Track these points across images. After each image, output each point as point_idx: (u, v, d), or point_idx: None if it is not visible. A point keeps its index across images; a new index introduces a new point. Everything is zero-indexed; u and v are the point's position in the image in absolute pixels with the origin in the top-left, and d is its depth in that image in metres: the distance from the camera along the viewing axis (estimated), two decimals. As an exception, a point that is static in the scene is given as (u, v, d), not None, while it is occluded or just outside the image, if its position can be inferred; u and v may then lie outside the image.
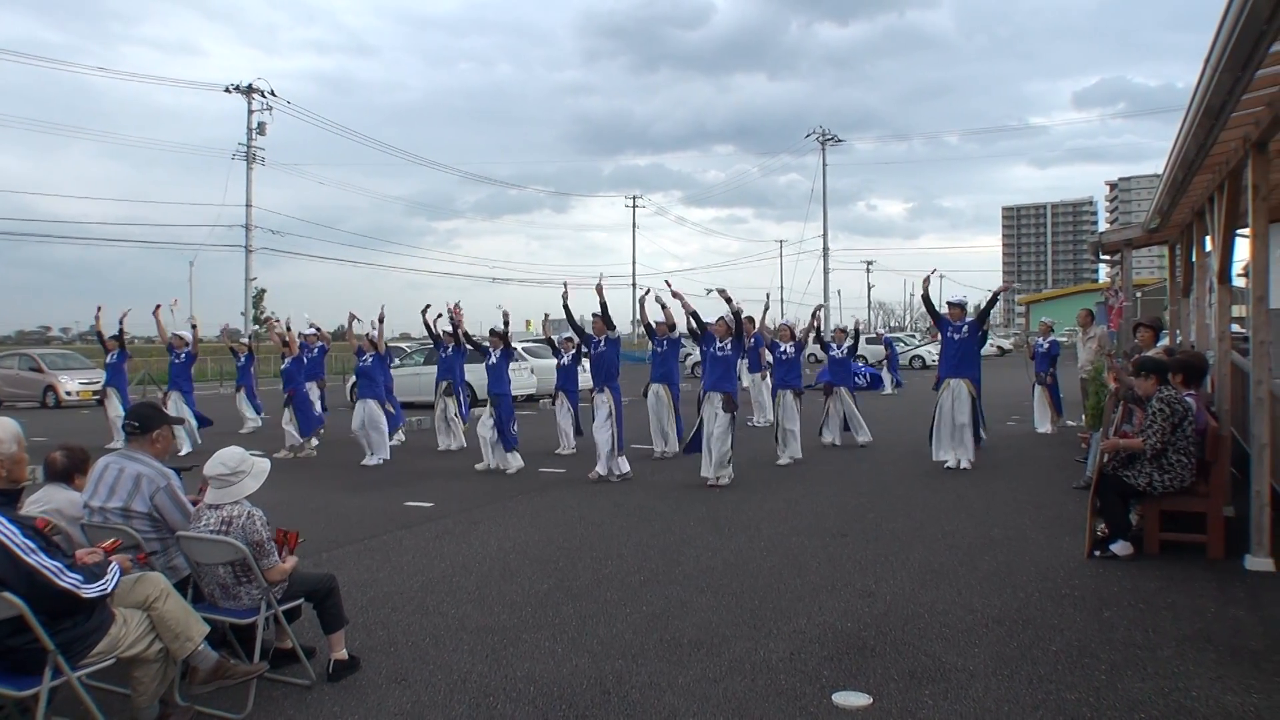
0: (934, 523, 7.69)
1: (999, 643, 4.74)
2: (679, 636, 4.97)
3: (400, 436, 14.57)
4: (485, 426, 11.57)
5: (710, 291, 11.82)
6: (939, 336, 11.21)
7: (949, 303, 11.26)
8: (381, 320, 13.40)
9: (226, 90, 39.15)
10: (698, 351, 12.08)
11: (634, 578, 6.20)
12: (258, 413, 17.07)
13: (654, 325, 11.25)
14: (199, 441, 13.55)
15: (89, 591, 3.52)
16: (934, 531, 7.36)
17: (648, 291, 11.11)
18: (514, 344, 15.82)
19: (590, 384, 11.20)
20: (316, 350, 15.30)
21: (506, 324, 12.21)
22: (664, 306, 10.73)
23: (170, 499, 4.47)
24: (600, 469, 10.43)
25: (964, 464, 10.42)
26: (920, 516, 7.97)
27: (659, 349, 11.56)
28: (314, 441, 13.87)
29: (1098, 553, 6.35)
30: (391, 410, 13.41)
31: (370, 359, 12.99)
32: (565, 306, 12.29)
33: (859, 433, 13.09)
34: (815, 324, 13.25)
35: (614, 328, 11.41)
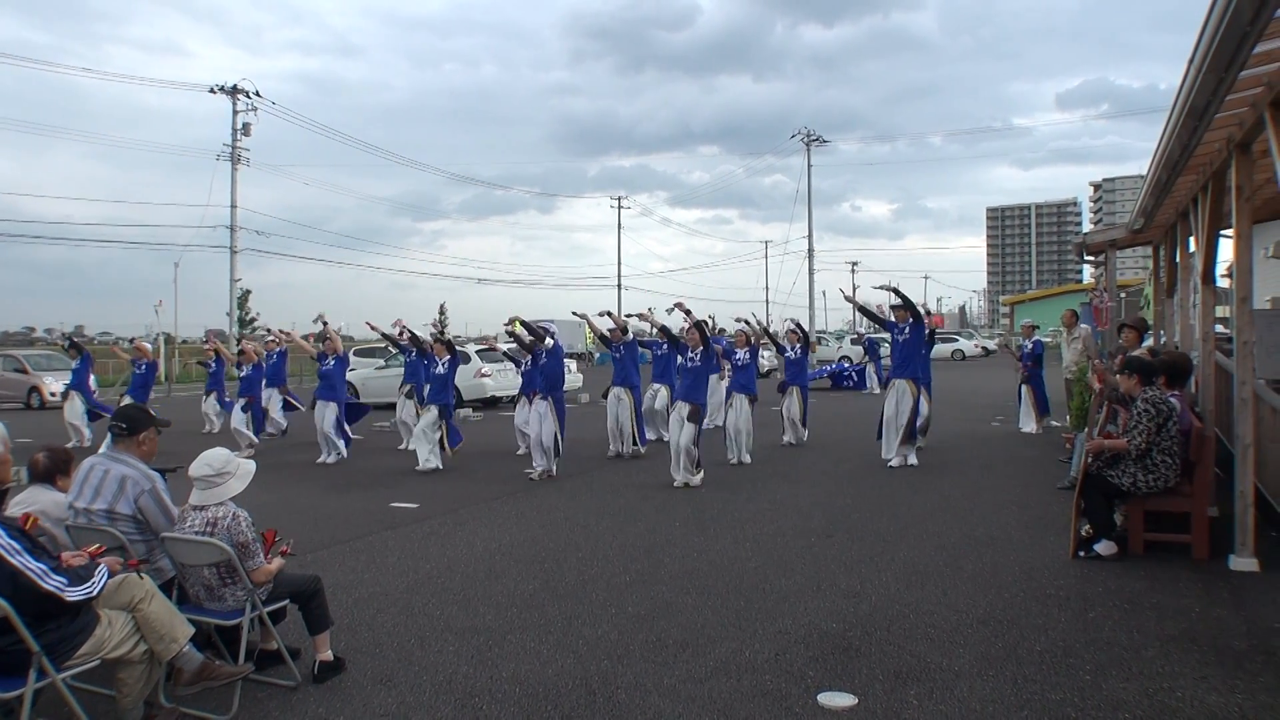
0: (919, 523, 7.71)
1: (984, 643, 4.76)
2: (665, 637, 4.97)
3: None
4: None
5: (672, 310, 11.85)
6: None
7: (892, 306, 11.41)
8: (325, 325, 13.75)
9: (211, 91, 39.03)
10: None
11: (620, 578, 6.20)
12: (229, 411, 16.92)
13: (607, 333, 12.10)
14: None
15: (74, 595, 3.51)
16: (919, 532, 7.38)
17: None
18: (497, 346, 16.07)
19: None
20: (276, 356, 15.47)
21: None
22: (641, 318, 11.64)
23: (155, 501, 4.45)
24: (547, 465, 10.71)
25: (909, 460, 10.71)
26: (905, 517, 7.99)
27: (617, 354, 12.13)
28: (256, 440, 14.23)
29: (1082, 553, 6.38)
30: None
31: (333, 362, 13.00)
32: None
33: (793, 432, 13.22)
34: (758, 329, 13.42)
35: (627, 331, 12.28)
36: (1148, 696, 4.04)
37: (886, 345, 17.14)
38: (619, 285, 69.45)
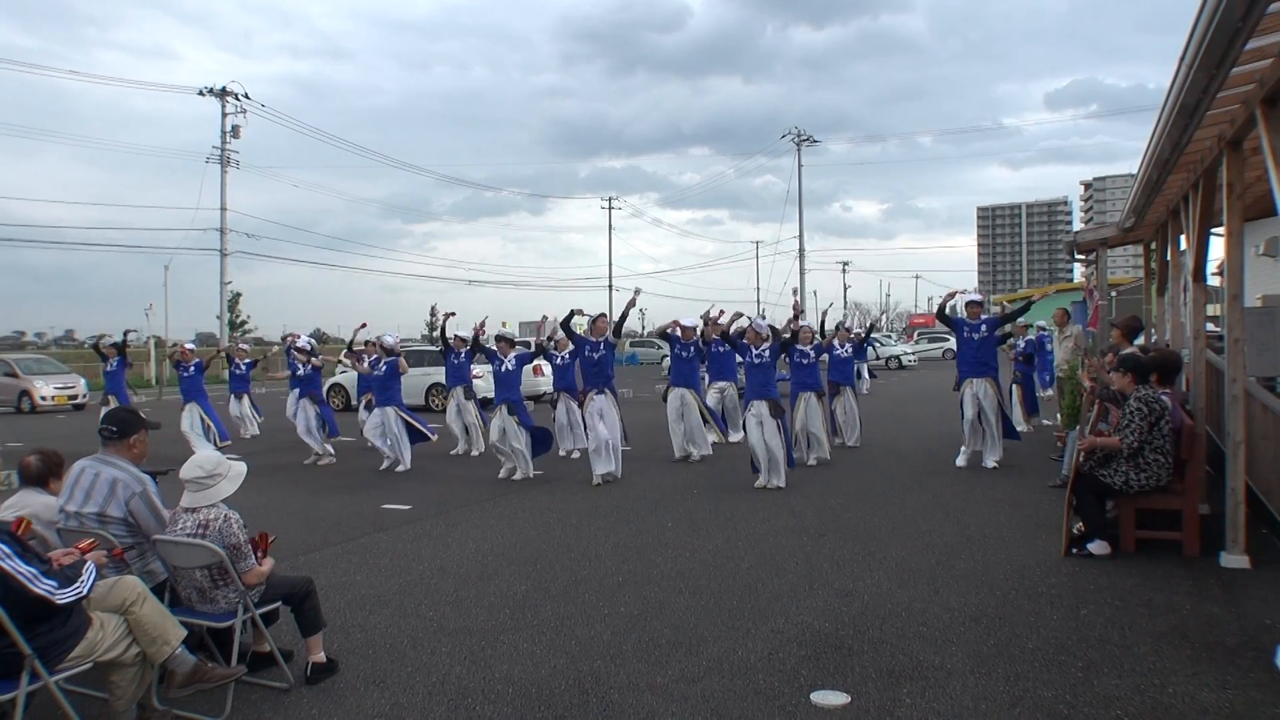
0: (911, 522, 7.72)
1: (976, 641, 4.77)
2: (657, 637, 4.97)
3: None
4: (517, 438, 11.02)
5: (638, 292, 11.84)
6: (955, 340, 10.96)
7: (967, 302, 11.11)
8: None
9: (200, 93, 38.88)
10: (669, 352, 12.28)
11: (612, 579, 6.19)
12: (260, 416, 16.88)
13: (678, 333, 11.90)
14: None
15: (63, 598, 3.51)
16: (911, 531, 7.39)
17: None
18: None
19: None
20: (244, 366, 15.54)
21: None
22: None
23: (145, 504, 4.43)
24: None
25: (991, 463, 10.42)
26: (897, 516, 8.00)
27: (685, 354, 11.82)
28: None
29: (1074, 551, 6.39)
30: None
31: (385, 366, 12.49)
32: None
33: (849, 434, 12.93)
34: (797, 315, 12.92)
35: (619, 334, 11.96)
36: (1139, 693, 4.05)
37: (876, 346, 17.11)
38: (610, 286, 69.42)
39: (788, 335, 10.68)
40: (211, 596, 4.30)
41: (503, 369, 11.05)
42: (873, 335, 26.42)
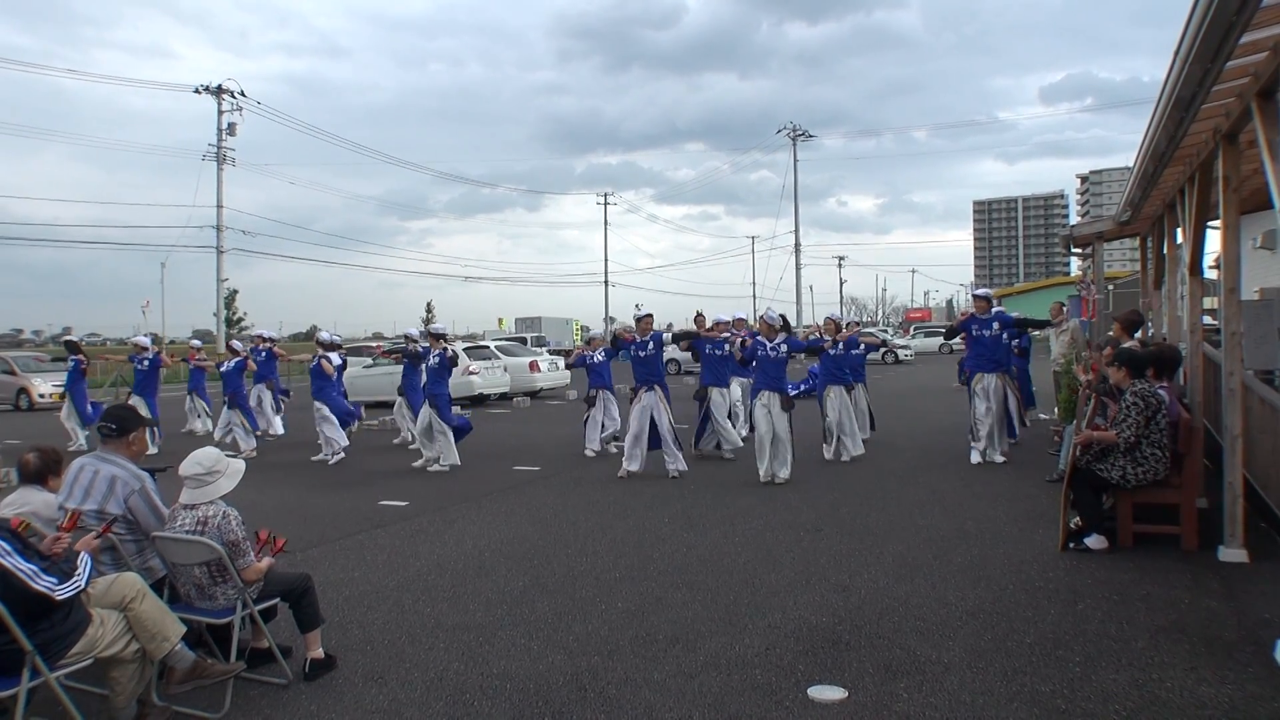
0: (908, 517, 7.73)
1: (973, 636, 4.78)
2: (654, 632, 4.97)
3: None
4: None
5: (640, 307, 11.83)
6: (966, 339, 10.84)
7: (974, 295, 11.11)
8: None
9: (196, 91, 38.80)
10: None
11: (609, 574, 6.20)
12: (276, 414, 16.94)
13: (590, 340, 12.44)
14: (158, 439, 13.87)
15: (63, 594, 3.53)
16: (908, 525, 7.39)
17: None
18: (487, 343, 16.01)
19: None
20: (265, 353, 15.54)
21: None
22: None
23: (144, 501, 4.43)
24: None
25: (998, 458, 10.39)
26: (894, 511, 8.01)
27: (718, 352, 11.59)
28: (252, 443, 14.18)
29: (1072, 545, 6.40)
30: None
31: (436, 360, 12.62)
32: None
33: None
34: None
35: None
36: (1138, 688, 4.06)
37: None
38: (606, 282, 69.50)
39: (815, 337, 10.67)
40: (210, 593, 4.31)
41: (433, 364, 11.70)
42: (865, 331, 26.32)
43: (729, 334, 11.39)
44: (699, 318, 12.54)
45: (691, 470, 10.36)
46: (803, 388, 21.59)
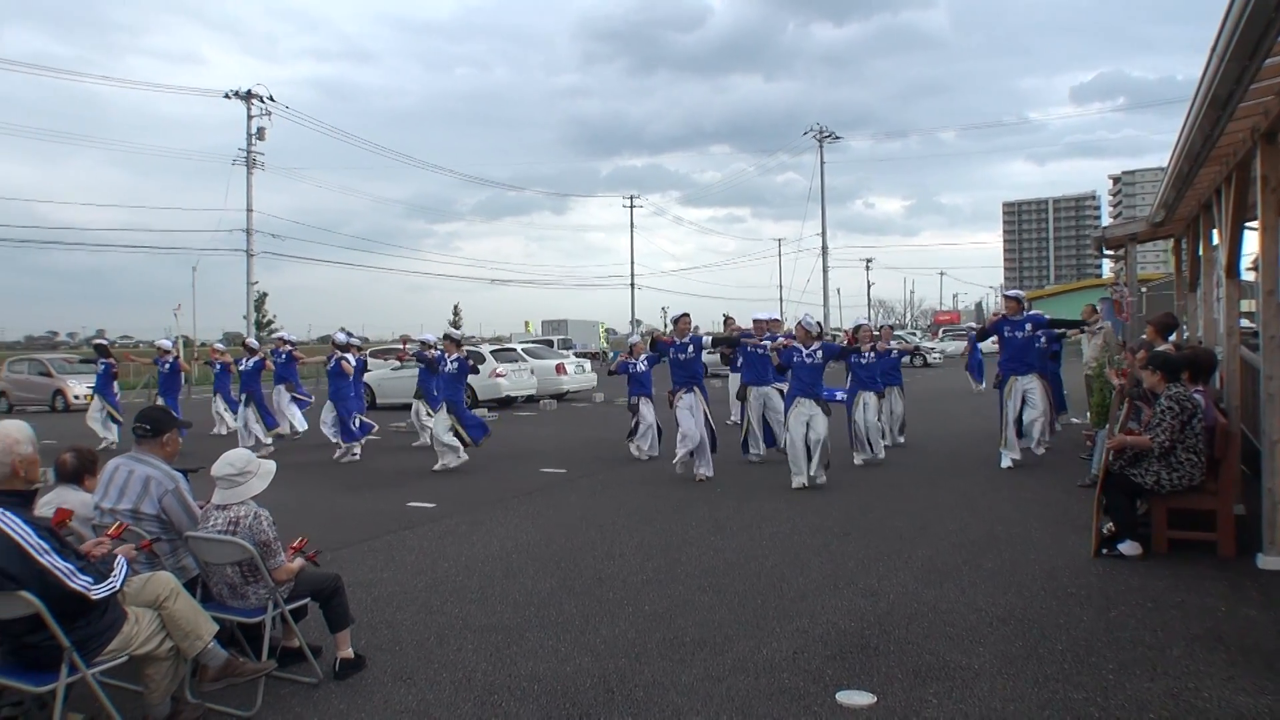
0: (937, 521, 7.67)
1: (1004, 642, 4.73)
2: (682, 635, 4.97)
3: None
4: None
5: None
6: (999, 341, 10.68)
7: (1005, 296, 10.95)
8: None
9: (226, 96, 39.10)
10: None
11: (636, 577, 6.20)
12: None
13: (632, 347, 12.43)
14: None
15: (98, 593, 3.58)
16: (937, 530, 7.34)
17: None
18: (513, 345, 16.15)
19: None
20: (285, 355, 15.71)
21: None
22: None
23: (178, 501, 4.49)
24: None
25: (1039, 449, 10.34)
26: (923, 515, 7.95)
27: (761, 351, 11.45)
28: (269, 440, 14.37)
29: (1104, 551, 6.32)
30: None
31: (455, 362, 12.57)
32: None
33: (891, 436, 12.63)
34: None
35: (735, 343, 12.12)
36: (1173, 697, 4.00)
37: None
38: (632, 284, 69.48)
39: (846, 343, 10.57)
40: (242, 592, 4.35)
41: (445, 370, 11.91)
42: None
43: (768, 336, 11.34)
44: (728, 321, 12.53)
45: (718, 474, 10.33)
46: (838, 395, 21.54)
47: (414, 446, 14.38)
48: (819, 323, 10.19)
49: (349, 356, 13.66)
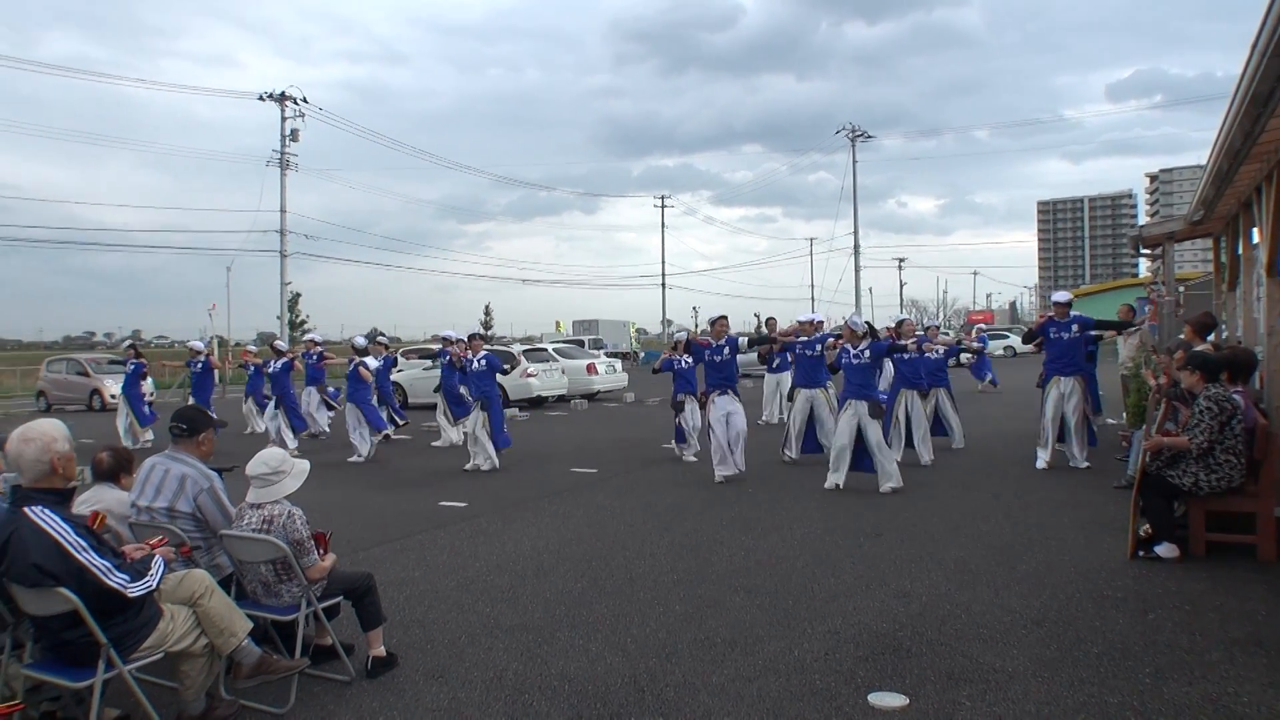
0: (970, 523, 7.60)
1: (1038, 644, 4.68)
2: (712, 636, 4.96)
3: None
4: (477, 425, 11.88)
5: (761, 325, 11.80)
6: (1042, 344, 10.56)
7: (1054, 301, 10.79)
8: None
9: (260, 98, 39.52)
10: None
11: (667, 577, 6.19)
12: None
13: (677, 343, 12.27)
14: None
15: (135, 590, 3.62)
16: (970, 531, 7.27)
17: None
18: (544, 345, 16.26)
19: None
20: (316, 356, 15.93)
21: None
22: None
23: (213, 500, 4.54)
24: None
25: (1083, 463, 10.10)
26: (955, 516, 7.88)
27: (810, 353, 11.46)
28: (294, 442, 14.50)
29: (1141, 554, 6.23)
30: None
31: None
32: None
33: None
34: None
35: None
36: (1211, 701, 3.94)
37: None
38: (663, 284, 69.50)
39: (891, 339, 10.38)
40: (276, 590, 4.39)
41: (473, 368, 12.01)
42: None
43: (819, 337, 11.27)
44: (770, 321, 12.48)
45: (748, 474, 10.30)
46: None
47: (433, 446, 14.57)
48: (868, 322, 10.08)
49: (367, 361, 13.92)
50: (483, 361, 11.97)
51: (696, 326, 66.64)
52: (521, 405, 20.89)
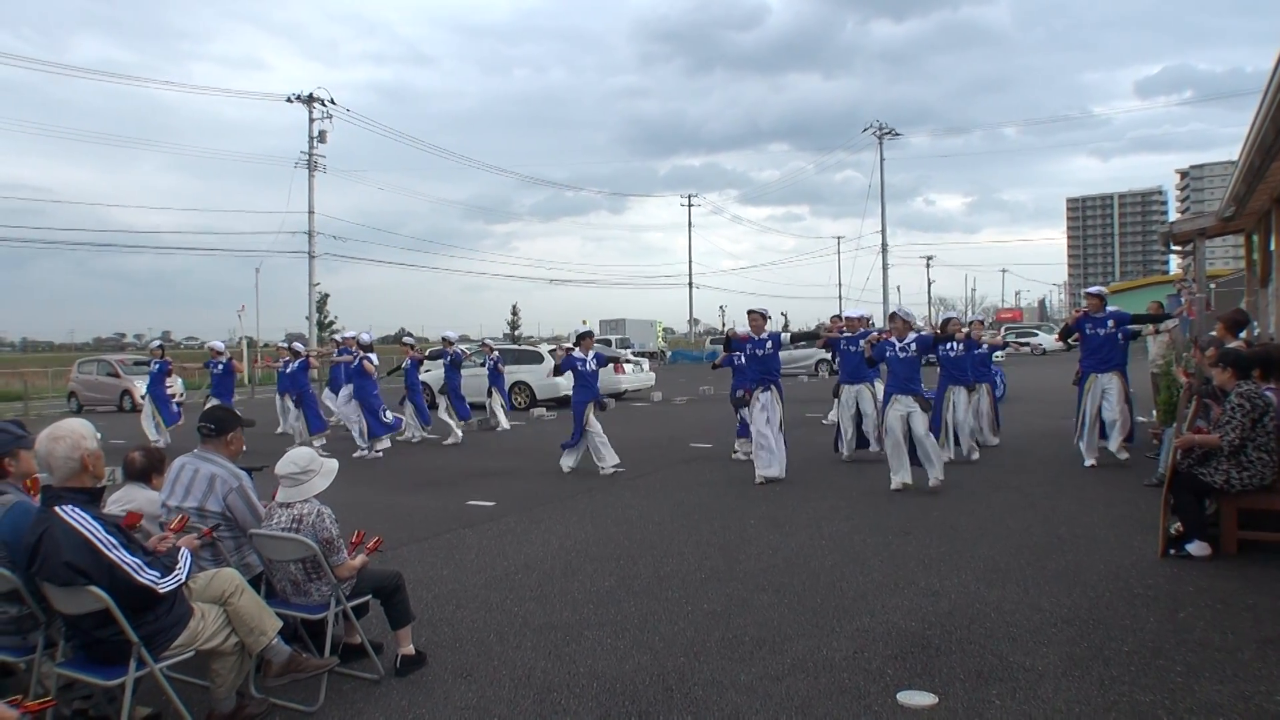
0: (999, 521, 7.55)
1: (1068, 643, 4.64)
2: (741, 634, 4.96)
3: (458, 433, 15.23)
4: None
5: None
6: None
7: (1087, 293, 10.67)
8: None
9: (288, 100, 39.84)
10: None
11: (695, 575, 6.20)
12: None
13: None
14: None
15: (165, 585, 3.66)
16: (999, 530, 7.22)
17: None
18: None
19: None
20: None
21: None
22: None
23: (242, 499, 4.59)
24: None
25: (1122, 454, 9.99)
26: (984, 514, 7.83)
27: (853, 348, 11.36)
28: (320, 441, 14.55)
29: (1172, 552, 6.17)
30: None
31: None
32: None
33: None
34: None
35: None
36: (1244, 700, 3.89)
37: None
38: (690, 284, 69.40)
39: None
40: (305, 589, 4.43)
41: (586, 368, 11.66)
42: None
43: (861, 333, 11.16)
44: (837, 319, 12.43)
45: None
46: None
47: (445, 444, 14.76)
48: (922, 317, 9.96)
49: (371, 356, 14.48)
50: (593, 362, 11.77)
51: (723, 326, 66.49)
52: (549, 405, 20.93)
